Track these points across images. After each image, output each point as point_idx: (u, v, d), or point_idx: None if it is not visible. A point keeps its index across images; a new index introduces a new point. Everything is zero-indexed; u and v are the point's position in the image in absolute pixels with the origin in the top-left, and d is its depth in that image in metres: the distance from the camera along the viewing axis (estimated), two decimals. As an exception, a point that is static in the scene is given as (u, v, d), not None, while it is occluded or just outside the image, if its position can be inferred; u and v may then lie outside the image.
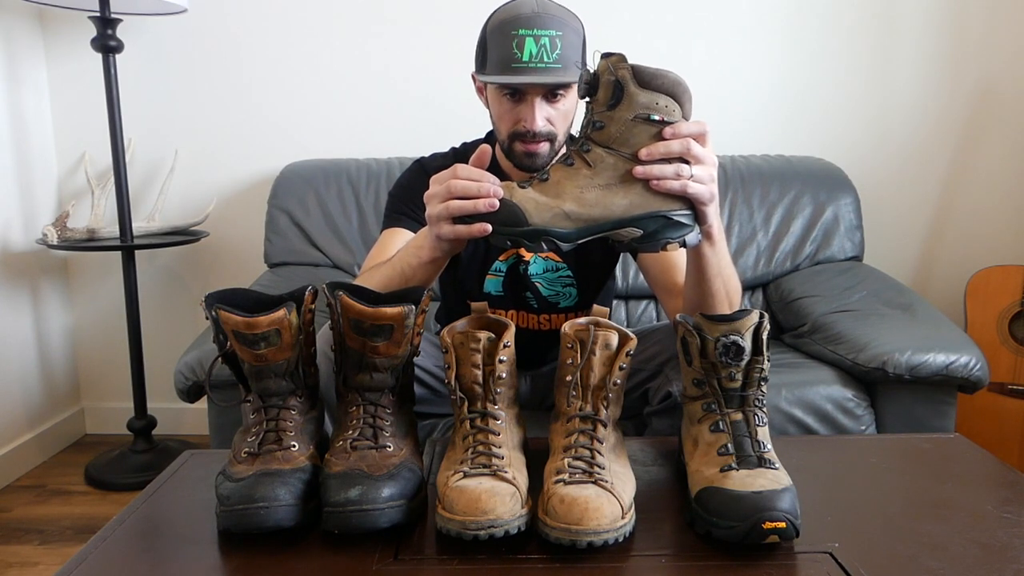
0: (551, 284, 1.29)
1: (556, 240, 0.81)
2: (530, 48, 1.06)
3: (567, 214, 0.81)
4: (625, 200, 0.81)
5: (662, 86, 0.80)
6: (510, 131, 1.14)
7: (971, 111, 2.20)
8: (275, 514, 0.72)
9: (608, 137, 0.81)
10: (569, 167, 0.82)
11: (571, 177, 0.82)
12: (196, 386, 1.44)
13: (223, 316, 0.76)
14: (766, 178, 2.02)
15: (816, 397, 1.46)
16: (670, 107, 0.80)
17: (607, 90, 0.80)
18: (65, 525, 1.81)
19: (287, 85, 2.20)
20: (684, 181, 0.81)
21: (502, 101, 1.13)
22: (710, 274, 0.97)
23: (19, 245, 2.12)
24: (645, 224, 0.82)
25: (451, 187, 0.84)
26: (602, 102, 0.81)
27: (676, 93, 0.81)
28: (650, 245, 0.83)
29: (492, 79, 1.10)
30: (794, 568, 0.69)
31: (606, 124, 0.81)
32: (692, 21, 2.16)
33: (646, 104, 0.80)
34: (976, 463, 0.95)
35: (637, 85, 0.79)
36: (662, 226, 0.83)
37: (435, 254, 0.94)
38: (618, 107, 0.80)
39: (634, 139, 0.81)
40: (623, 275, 1.97)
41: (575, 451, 0.77)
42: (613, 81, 0.79)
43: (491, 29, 1.11)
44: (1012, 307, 1.95)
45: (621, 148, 0.81)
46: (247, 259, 2.26)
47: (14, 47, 2.09)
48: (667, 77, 0.80)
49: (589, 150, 0.82)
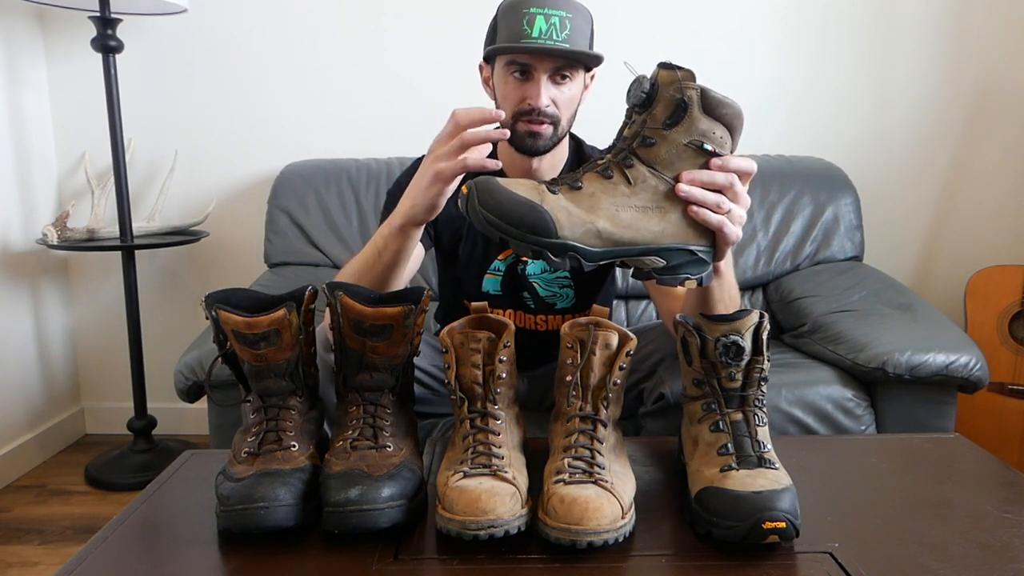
0: (548, 285, 1.29)
1: (580, 258, 0.74)
2: (540, 25, 1.06)
3: (599, 232, 0.74)
4: (659, 227, 0.76)
5: (724, 116, 0.75)
6: (514, 110, 1.13)
7: (971, 111, 2.20)
8: (275, 514, 0.72)
9: (655, 157, 0.76)
10: (607, 180, 0.76)
11: (608, 192, 0.75)
12: (196, 386, 1.44)
13: (223, 316, 0.76)
14: (766, 178, 2.02)
15: (816, 397, 1.46)
16: (724, 139, 0.76)
17: (668, 107, 0.74)
18: (65, 525, 1.81)
19: (287, 85, 2.20)
20: (722, 217, 0.78)
21: (508, 80, 1.13)
22: (712, 300, 0.97)
23: (19, 245, 2.12)
24: (670, 256, 0.77)
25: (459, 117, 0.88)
26: (659, 118, 0.75)
27: (735, 126, 0.76)
28: (670, 278, 0.78)
29: (501, 47, 1.10)
30: (794, 568, 0.69)
31: (657, 143, 0.75)
32: (692, 21, 2.16)
33: (704, 132, 0.75)
34: (976, 463, 0.95)
35: (702, 110, 0.74)
36: (686, 260, 0.78)
37: (406, 218, 0.96)
38: (676, 128, 0.75)
39: (680, 164, 0.76)
40: (623, 275, 1.97)
41: (575, 451, 0.77)
42: (678, 99, 0.74)
43: (502, 10, 1.12)
44: (1012, 307, 1.95)
45: (665, 171, 0.76)
46: (247, 259, 2.26)
47: (14, 47, 2.09)
48: (733, 107, 0.75)
49: (632, 165, 0.76)
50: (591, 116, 1.36)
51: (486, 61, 1.19)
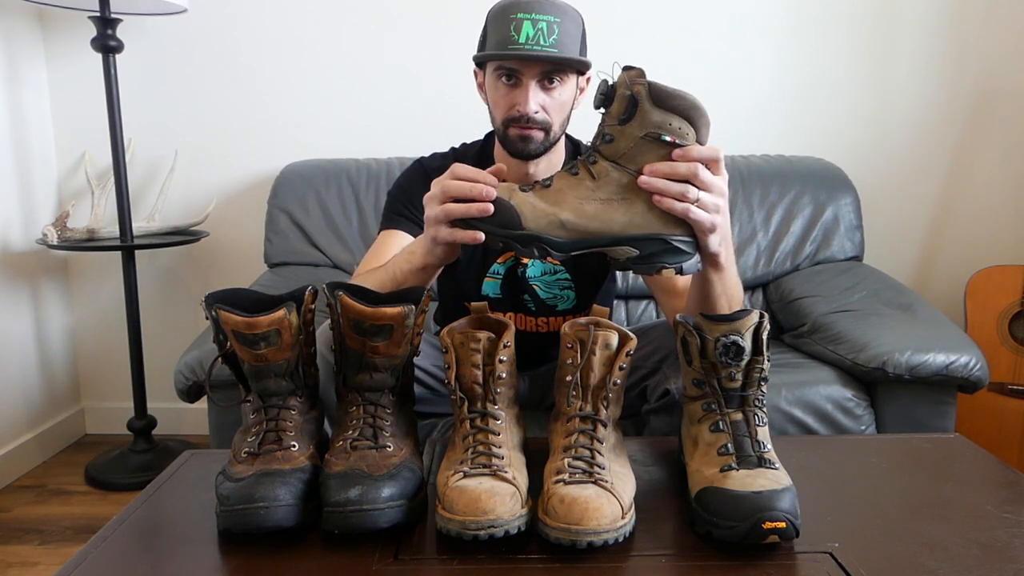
0: (549, 287, 1.29)
1: (548, 248, 0.79)
2: (527, 31, 1.06)
3: (563, 223, 0.79)
4: (625, 217, 0.80)
5: (677, 107, 0.78)
6: (504, 117, 1.14)
7: (971, 111, 2.20)
8: (275, 514, 0.72)
9: (616, 151, 0.80)
10: (573, 176, 0.81)
11: (573, 187, 0.80)
12: (196, 386, 1.44)
13: (223, 316, 0.76)
14: (766, 178, 2.02)
15: (816, 397, 1.46)
16: (683, 129, 0.78)
17: (621, 104, 0.78)
18: (65, 525, 1.81)
19: (287, 85, 2.20)
20: (687, 204, 0.79)
21: (498, 86, 1.13)
22: (714, 295, 0.97)
23: (19, 245, 2.12)
24: (642, 245, 0.80)
25: (446, 188, 0.83)
26: (614, 115, 0.79)
27: (692, 117, 0.79)
28: (645, 267, 0.81)
29: (487, 54, 1.10)
30: (794, 568, 0.69)
31: (615, 138, 0.79)
32: (692, 21, 2.16)
33: (658, 123, 0.78)
34: (976, 463, 0.95)
35: (652, 103, 0.77)
36: (660, 250, 0.81)
37: (427, 260, 0.93)
38: (630, 123, 0.78)
39: (642, 157, 0.79)
40: (623, 275, 1.97)
41: (575, 451, 0.77)
42: (628, 96, 0.78)
43: (492, 16, 1.12)
44: (1012, 307, 1.95)
45: (628, 164, 0.79)
46: (247, 259, 2.26)
47: (14, 47, 2.09)
48: (684, 99, 0.78)
49: (595, 162, 0.80)
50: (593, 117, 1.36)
51: (479, 66, 1.20)
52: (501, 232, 0.80)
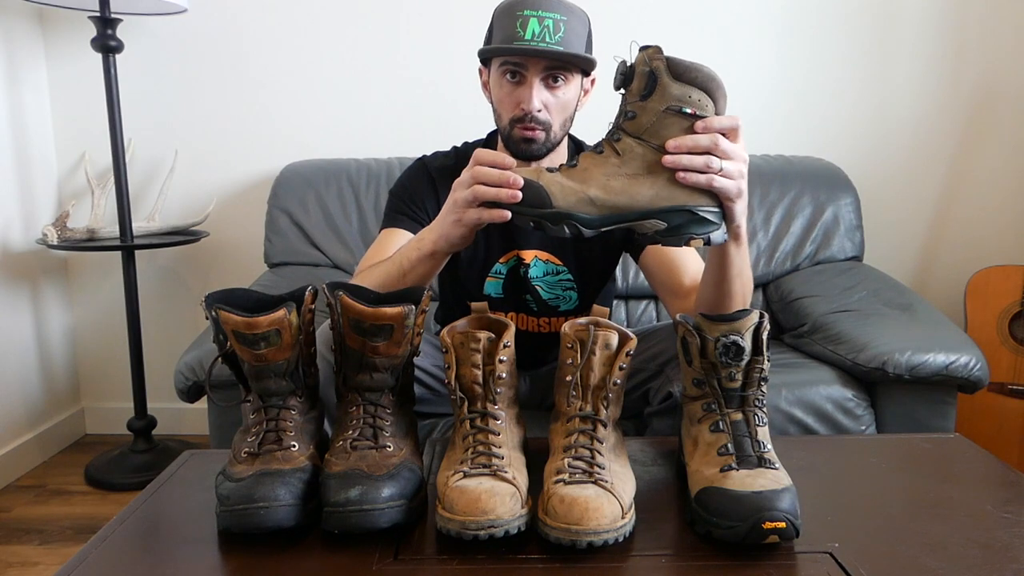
0: (551, 287, 1.29)
1: (579, 225, 0.80)
2: (533, 27, 1.06)
3: (592, 200, 0.80)
4: (651, 191, 0.81)
5: (695, 79, 0.80)
6: (510, 116, 1.14)
7: (971, 111, 2.20)
8: (275, 514, 0.72)
9: (639, 127, 0.81)
10: (599, 155, 0.82)
11: (599, 164, 0.82)
12: (196, 386, 1.44)
13: (223, 316, 0.76)
14: (766, 178, 2.02)
15: (816, 397, 1.46)
16: (703, 101, 0.80)
17: (641, 80, 0.80)
18: (65, 525, 1.81)
19: (287, 85, 2.20)
20: (710, 175, 0.81)
21: (503, 84, 1.13)
22: (731, 274, 0.97)
23: (19, 245, 2.12)
24: (669, 217, 0.82)
25: (476, 174, 0.85)
26: (635, 92, 0.81)
27: (710, 88, 0.80)
28: (673, 239, 0.82)
29: (492, 48, 1.10)
30: (794, 568, 0.69)
31: (638, 114, 0.81)
32: (692, 20, 2.16)
33: (679, 96, 0.80)
34: (976, 463, 0.95)
35: (671, 77, 0.79)
36: (687, 220, 0.82)
37: (438, 246, 0.94)
38: (651, 98, 0.80)
39: (665, 131, 0.81)
40: (623, 275, 1.97)
41: (575, 451, 0.77)
42: (647, 72, 0.79)
43: (498, 13, 1.12)
44: (1012, 307, 1.95)
45: (651, 139, 0.81)
46: (247, 259, 2.26)
47: (14, 47, 2.09)
48: (701, 71, 0.80)
49: (619, 139, 0.82)
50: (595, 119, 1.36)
51: (483, 64, 1.19)
52: (531, 212, 0.81)
